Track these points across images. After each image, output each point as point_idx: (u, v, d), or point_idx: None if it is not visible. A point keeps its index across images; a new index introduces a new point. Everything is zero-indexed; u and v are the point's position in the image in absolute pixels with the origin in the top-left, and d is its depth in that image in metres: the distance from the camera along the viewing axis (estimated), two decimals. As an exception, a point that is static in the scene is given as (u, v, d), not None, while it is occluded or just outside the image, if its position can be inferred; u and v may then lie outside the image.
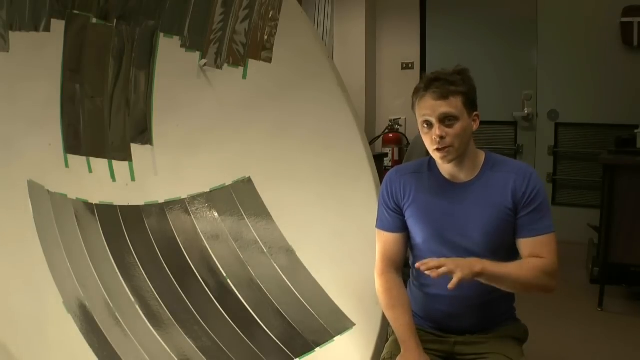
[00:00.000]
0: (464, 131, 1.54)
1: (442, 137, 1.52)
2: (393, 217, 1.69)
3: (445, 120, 1.53)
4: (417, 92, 1.58)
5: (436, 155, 1.57)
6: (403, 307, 1.65)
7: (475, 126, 1.58)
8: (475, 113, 1.58)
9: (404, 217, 1.68)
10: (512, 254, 1.66)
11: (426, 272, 1.45)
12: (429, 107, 1.54)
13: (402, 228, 1.69)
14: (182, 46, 2.27)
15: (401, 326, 1.62)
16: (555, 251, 1.57)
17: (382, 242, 1.71)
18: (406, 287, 1.74)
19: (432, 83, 1.54)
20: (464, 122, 1.54)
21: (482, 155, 1.64)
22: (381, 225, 1.72)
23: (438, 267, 1.44)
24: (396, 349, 1.63)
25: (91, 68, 2.15)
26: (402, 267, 1.73)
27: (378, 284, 1.70)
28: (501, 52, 4.72)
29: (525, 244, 1.58)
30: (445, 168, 1.62)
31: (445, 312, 1.66)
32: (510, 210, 1.58)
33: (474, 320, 1.65)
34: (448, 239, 1.61)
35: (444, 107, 1.52)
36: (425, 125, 1.56)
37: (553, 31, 4.51)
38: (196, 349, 1.92)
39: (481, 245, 1.59)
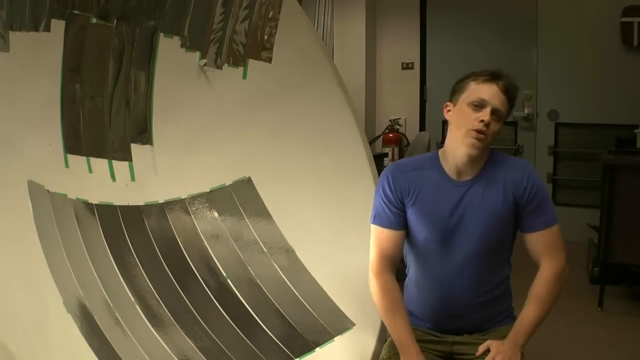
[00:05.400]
0: (498, 133, 1.60)
1: (487, 124, 1.55)
2: (395, 214, 1.66)
3: (495, 113, 1.56)
4: (478, 76, 1.60)
5: (470, 135, 1.55)
6: (401, 311, 1.63)
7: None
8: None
9: (406, 214, 1.66)
10: (509, 252, 1.67)
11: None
12: (494, 95, 1.56)
13: (403, 225, 1.67)
14: (182, 46, 2.27)
15: (400, 332, 1.60)
16: (560, 244, 1.62)
17: (380, 239, 1.68)
18: (402, 286, 1.74)
19: (502, 78, 1.59)
20: (501, 125, 1.60)
21: (487, 154, 1.66)
22: (380, 221, 1.68)
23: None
24: (395, 349, 1.63)
25: (91, 68, 2.14)
26: (397, 265, 1.71)
27: (375, 284, 1.66)
28: (501, 52, 4.71)
29: (531, 239, 1.62)
30: (455, 162, 1.61)
31: (444, 312, 1.66)
32: (510, 207, 1.59)
33: (472, 321, 1.66)
34: (450, 237, 1.61)
35: (502, 102, 1.57)
36: (476, 105, 1.56)
37: (553, 31, 4.51)
38: (196, 349, 1.92)
39: (480, 244, 1.60)
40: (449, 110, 1.64)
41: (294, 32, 2.31)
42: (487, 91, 1.56)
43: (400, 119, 5.00)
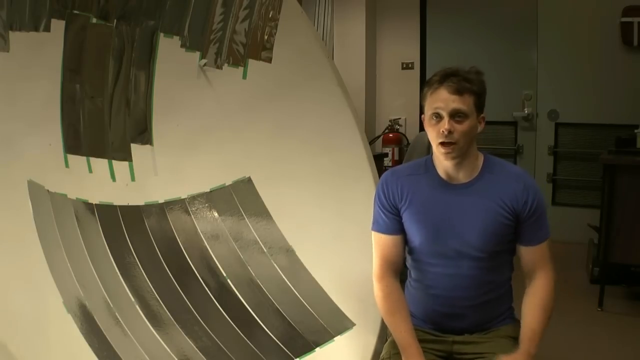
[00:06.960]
0: (471, 130, 1.55)
1: (450, 132, 1.52)
2: (391, 220, 1.67)
3: (456, 115, 1.53)
4: (431, 85, 1.57)
5: (440, 150, 1.55)
6: (403, 313, 1.64)
7: (480, 128, 1.59)
8: (481, 115, 1.59)
9: (402, 219, 1.67)
10: (507, 257, 1.66)
11: None
12: (442, 100, 1.53)
13: (400, 230, 1.68)
14: (182, 46, 2.27)
15: (402, 332, 1.61)
16: (550, 255, 1.64)
17: (380, 245, 1.69)
18: (403, 287, 1.74)
19: (449, 77, 1.54)
20: (472, 121, 1.55)
21: (481, 157, 1.64)
22: (378, 227, 1.70)
23: None
24: (395, 349, 1.63)
25: (91, 68, 2.15)
26: (401, 269, 1.72)
27: (377, 288, 1.68)
28: (501, 52, 4.71)
29: (525, 251, 1.64)
30: (444, 168, 1.61)
31: (444, 313, 1.66)
32: (508, 215, 1.58)
33: (472, 320, 1.65)
34: (445, 241, 1.61)
35: (457, 103, 1.52)
36: (434, 118, 1.55)
37: (553, 31, 4.51)
38: (196, 349, 1.92)
39: (477, 248, 1.59)
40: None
41: (294, 32, 2.31)
42: (439, 99, 1.53)
43: (400, 119, 5.00)
